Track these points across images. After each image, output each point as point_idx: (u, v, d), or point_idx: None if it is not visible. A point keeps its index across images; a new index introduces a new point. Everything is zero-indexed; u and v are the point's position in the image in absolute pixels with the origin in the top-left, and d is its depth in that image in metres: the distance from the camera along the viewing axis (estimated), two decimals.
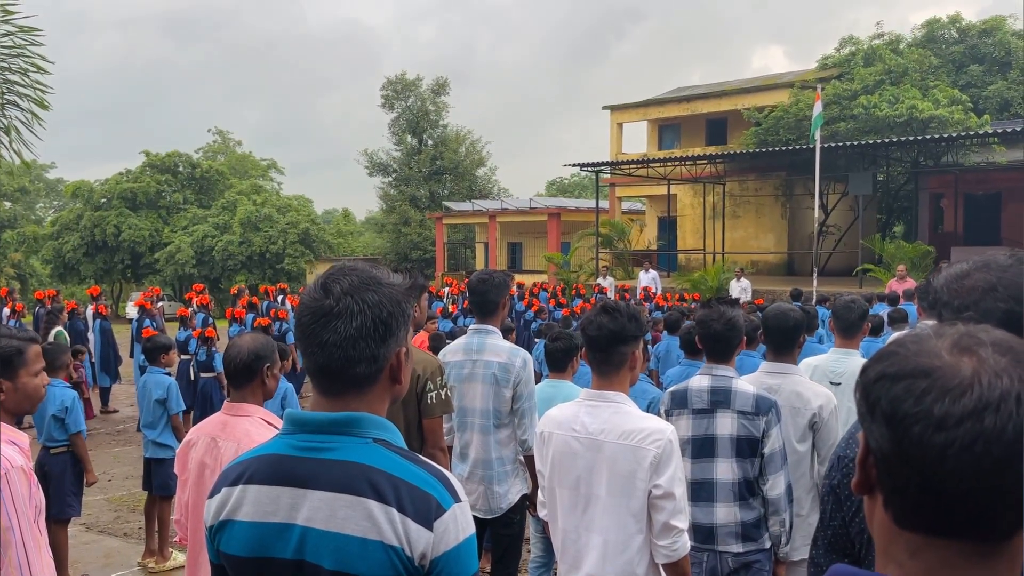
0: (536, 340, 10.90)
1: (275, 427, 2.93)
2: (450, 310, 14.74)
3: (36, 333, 2.44)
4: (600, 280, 19.62)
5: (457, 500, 1.42)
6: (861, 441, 0.90)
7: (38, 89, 5.28)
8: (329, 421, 1.45)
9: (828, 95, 21.72)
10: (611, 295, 17.11)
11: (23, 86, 5.28)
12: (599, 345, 2.60)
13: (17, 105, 5.27)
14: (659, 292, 17.76)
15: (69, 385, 5.40)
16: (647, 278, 18.74)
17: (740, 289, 17.27)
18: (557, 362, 4.46)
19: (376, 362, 1.46)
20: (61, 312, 11.50)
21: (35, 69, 5.34)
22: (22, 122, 5.34)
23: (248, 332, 3.03)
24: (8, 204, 49.25)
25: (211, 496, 1.53)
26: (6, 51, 5.38)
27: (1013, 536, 0.83)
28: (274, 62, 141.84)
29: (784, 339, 3.54)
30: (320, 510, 1.40)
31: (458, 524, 1.41)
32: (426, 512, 1.38)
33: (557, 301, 16.49)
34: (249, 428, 2.87)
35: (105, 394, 12.40)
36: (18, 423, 4.26)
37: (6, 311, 13.42)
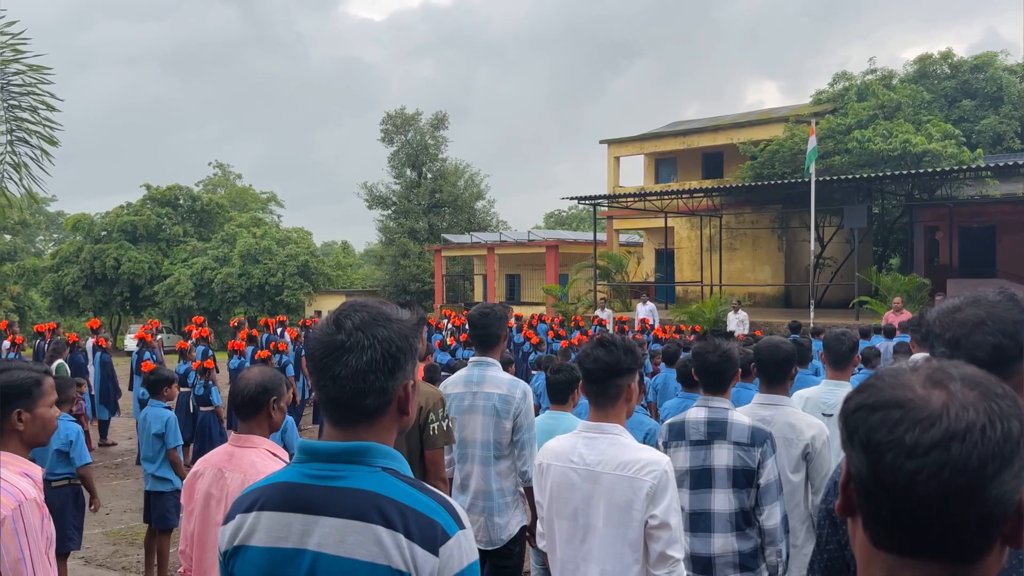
0: (534, 372, 10.93)
1: (280, 459, 2.99)
2: (448, 342, 14.78)
3: (48, 366, 2.51)
4: (598, 312, 19.70)
5: (462, 527, 1.49)
6: (843, 467, 0.97)
7: (47, 126, 5.42)
8: (340, 451, 1.52)
9: (822, 129, 22.01)
10: (610, 327, 17.18)
11: (33, 123, 5.41)
12: (595, 378, 2.67)
13: (27, 142, 5.40)
14: (657, 324, 17.82)
15: (73, 419, 5.45)
16: (645, 310, 18.82)
17: (737, 321, 17.35)
18: (558, 394, 4.52)
19: (385, 394, 1.53)
20: (66, 345, 11.54)
21: (44, 107, 5.47)
22: (31, 158, 5.47)
23: (256, 365, 3.09)
24: (8, 237, 49.44)
25: (225, 522, 1.60)
26: (17, 89, 5.51)
27: (983, 558, 0.88)
28: (276, 98, 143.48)
29: (776, 371, 3.61)
30: (331, 536, 1.46)
31: (462, 550, 1.47)
32: (432, 538, 1.44)
33: (555, 333, 16.54)
34: (255, 460, 2.92)
35: (104, 427, 12.39)
36: None
37: (6, 344, 13.46)
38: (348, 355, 1.51)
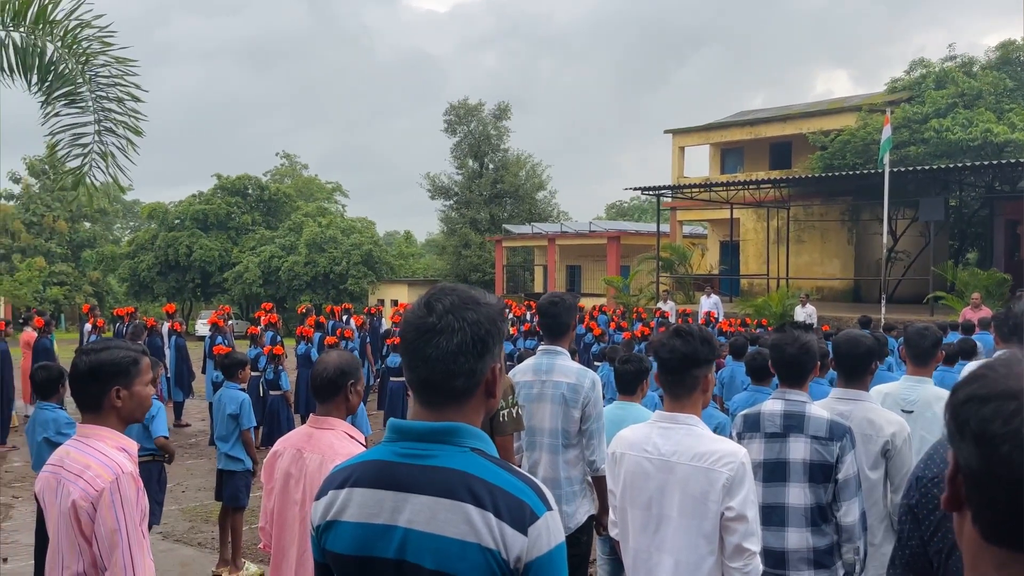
0: (596, 363, 10.90)
1: (357, 440, 3.06)
2: (510, 332, 14.84)
3: (144, 346, 2.61)
4: (660, 304, 19.51)
5: (549, 508, 1.50)
6: (951, 459, 0.95)
7: (133, 117, 5.64)
8: (430, 430, 1.55)
9: (898, 118, 21.29)
10: (672, 320, 17.01)
11: (119, 114, 5.64)
12: (672, 368, 2.65)
13: (113, 132, 5.63)
14: (721, 317, 17.56)
15: (155, 396, 5.69)
16: (709, 303, 18.56)
17: (805, 315, 16.96)
18: (627, 385, 4.50)
19: (474, 376, 1.55)
20: (144, 328, 11.99)
21: (130, 98, 5.69)
22: (118, 147, 5.70)
23: (333, 349, 3.16)
24: (88, 224, 51.46)
25: (318, 498, 1.64)
26: (104, 80, 5.74)
27: None
28: (342, 90, 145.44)
29: (856, 365, 3.52)
30: (421, 513, 1.49)
31: (550, 531, 1.48)
32: (521, 518, 1.46)
33: (617, 324, 16.46)
34: (333, 441, 2.99)
35: (178, 408, 12.84)
36: None
37: (88, 326, 14.07)
38: (439, 337, 1.53)
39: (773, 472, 3.19)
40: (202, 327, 30.98)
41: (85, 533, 2.32)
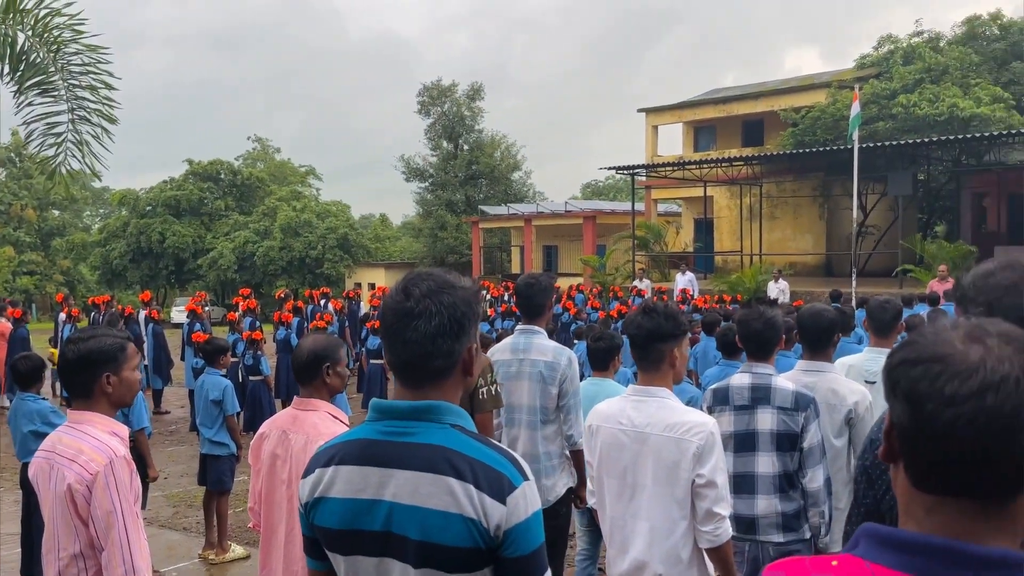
0: (574, 341, 11.03)
1: (340, 421, 3.15)
2: (487, 313, 14.95)
3: (129, 333, 2.67)
4: (637, 283, 19.70)
5: (526, 479, 1.61)
6: (886, 417, 1.07)
7: (107, 104, 5.63)
8: (411, 409, 1.64)
9: (867, 94, 21.54)
10: (649, 297, 17.20)
11: (92, 102, 5.63)
12: (639, 343, 2.78)
13: (87, 120, 5.62)
14: (696, 294, 17.78)
15: None
16: (684, 280, 18.78)
17: (778, 290, 17.24)
18: (599, 361, 4.62)
19: (451, 357, 1.65)
20: (120, 317, 11.93)
21: (103, 86, 5.67)
22: (93, 136, 5.69)
23: (313, 333, 3.25)
24: (57, 212, 50.68)
25: (305, 476, 1.73)
26: (77, 68, 5.72)
27: (1015, 499, 0.97)
28: (314, 73, 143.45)
29: (819, 338, 3.67)
30: (405, 487, 1.58)
31: (527, 500, 1.59)
32: (499, 489, 1.56)
33: (593, 304, 16.61)
34: (317, 422, 3.08)
35: (157, 396, 12.82)
36: None
37: (62, 316, 13.97)
38: (417, 320, 1.62)
39: (743, 443, 3.33)
40: (178, 314, 30.76)
41: (81, 515, 2.40)
